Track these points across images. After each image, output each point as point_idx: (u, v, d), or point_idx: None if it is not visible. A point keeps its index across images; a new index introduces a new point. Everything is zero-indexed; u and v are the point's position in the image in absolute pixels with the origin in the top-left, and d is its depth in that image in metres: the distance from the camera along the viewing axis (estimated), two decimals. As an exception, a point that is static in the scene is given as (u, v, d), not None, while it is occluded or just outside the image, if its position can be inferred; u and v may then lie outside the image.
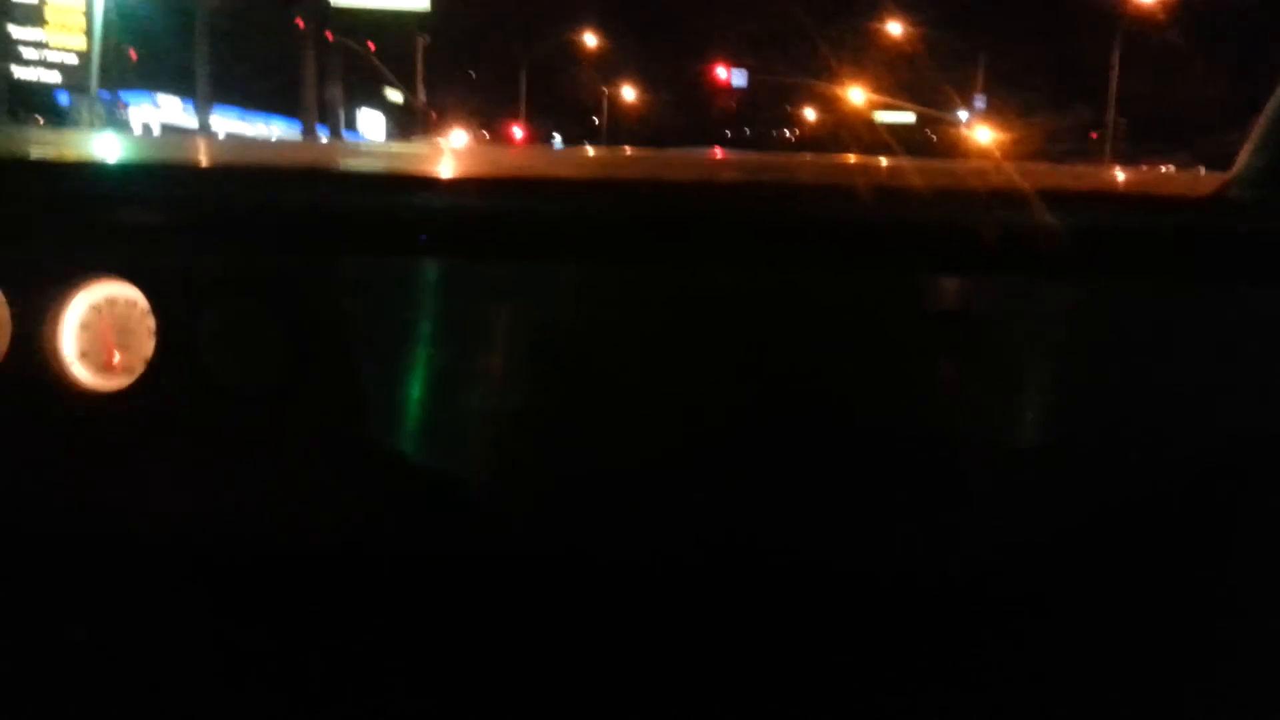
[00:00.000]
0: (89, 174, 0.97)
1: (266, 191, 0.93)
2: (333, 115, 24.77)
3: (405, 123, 29.70)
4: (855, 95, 33.85)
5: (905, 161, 1.29)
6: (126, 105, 25.06)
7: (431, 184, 0.96)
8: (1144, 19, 24.70)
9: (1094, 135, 27.75)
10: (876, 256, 0.88)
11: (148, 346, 0.89)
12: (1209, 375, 0.86)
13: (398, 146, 2.78)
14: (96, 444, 0.90)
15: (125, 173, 0.97)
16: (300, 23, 22.08)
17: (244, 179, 0.97)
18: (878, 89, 35.27)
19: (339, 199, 0.93)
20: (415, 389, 0.90)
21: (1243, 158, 0.88)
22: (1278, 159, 0.85)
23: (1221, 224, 0.86)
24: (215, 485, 0.91)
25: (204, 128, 20.73)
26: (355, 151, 1.71)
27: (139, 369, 0.90)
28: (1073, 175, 1.29)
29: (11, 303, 0.89)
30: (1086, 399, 0.88)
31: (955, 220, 0.88)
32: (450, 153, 1.65)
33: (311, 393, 0.90)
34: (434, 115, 28.89)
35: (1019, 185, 0.93)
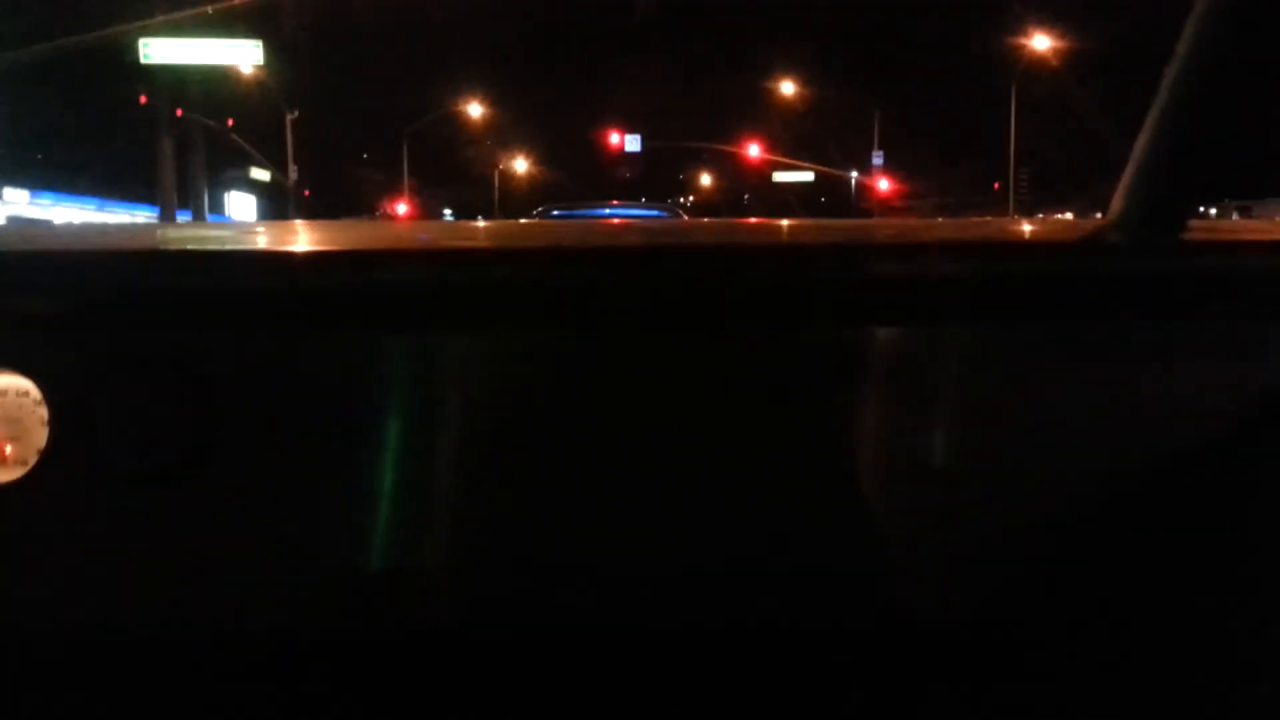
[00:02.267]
0: None
1: (155, 273, 0.95)
2: (195, 198, 23.04)
3: (277, 204, 27.93)
4: (752, 152, 33.20)
5: (799, 221, 1.25)
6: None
7: (326, 258, 0.98)
8: (1039, 66, 24.65)
9: (996, 186, 27.73)
10: (776, 311, 0.94)
11: (40, 436, 0.90)
12: (1098, 406, 0.92)
13: (284, 224, 2.71)
14: None
15: (4, 261, 0.99)
16: (144, 100, 20.39)
17: (132, 262, 0.98)
18: (774, 148, 34.86)
19: (230, 278, 0.95)
20: (326, 465, 0.92)
21: (1115, 202, 0.95)
22: (1144, 202, 0.92)
23: (1097, 265, 0.93)
24: (118, 573, 0.92)
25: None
26: (238, 230, 1.64)
27: (32, 460, 0.91)
28: (960, 227, 1.31)
29: None
30: (979, 432, 0.94)
31: (841, 273, 0.94)
32: (332, 228, 1.49)
33: (216, 473, 0.91)
34: (306, 194, 27.30)
35: (905, 238, 1.04)
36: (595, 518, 0.94)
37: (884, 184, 30.21)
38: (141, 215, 26.51)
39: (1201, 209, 0.97)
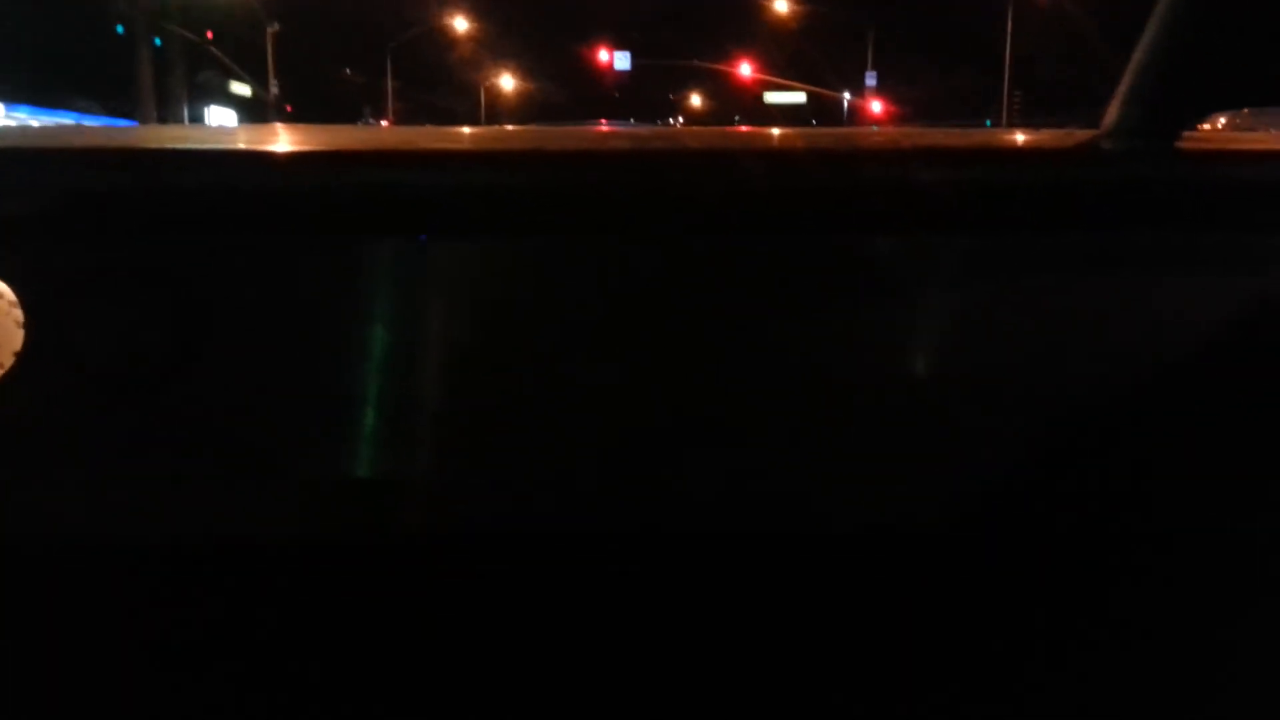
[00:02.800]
0: None
1: (133, 172, 0.92)
2: (174, 111, 22.64)
3: (259, 119, 27.48)
4: (744, 71, 32.70)
5: (792, 131, 1.21)
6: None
7: (312, 158, 0.97)
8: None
9: (996, 101, 27.43)
10: (772, 220, 0.93)
11: (16, 339, 0.89)
12: (1091, 317, 0.93)
13: (266, 126, 2.21)
14: None
15: None
16: (124, 11, 19.92)
17: (109, 160, 0.96)
18: (767, 69, 34.33)
19: (215, 178, 0.92)
20: (314, 372, 0.91)
21: (1110, 113, 0.94)
22: (1139, 112, 0.91)
23: (1090, 173, 0.93)
24: (98, 480, 0.92)
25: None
26: (218, 133, 1.45)
27: (8, 363, 0.89)
28: (950, 136, 1.21)
29: None
30: (973, 344, 0.95)
31: (824, 180, 0.93)
32: (323, 131, 1.39)
33: (200, 379, 0.90)
34: (288, 109, 26.84)
35: (894, 145, 1.03)
36: (584, 427, 0.94)
37: (877, 106, 29.86)
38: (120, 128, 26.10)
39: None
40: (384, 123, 28.95)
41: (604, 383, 0.93)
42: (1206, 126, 1.05)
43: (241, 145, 1.02)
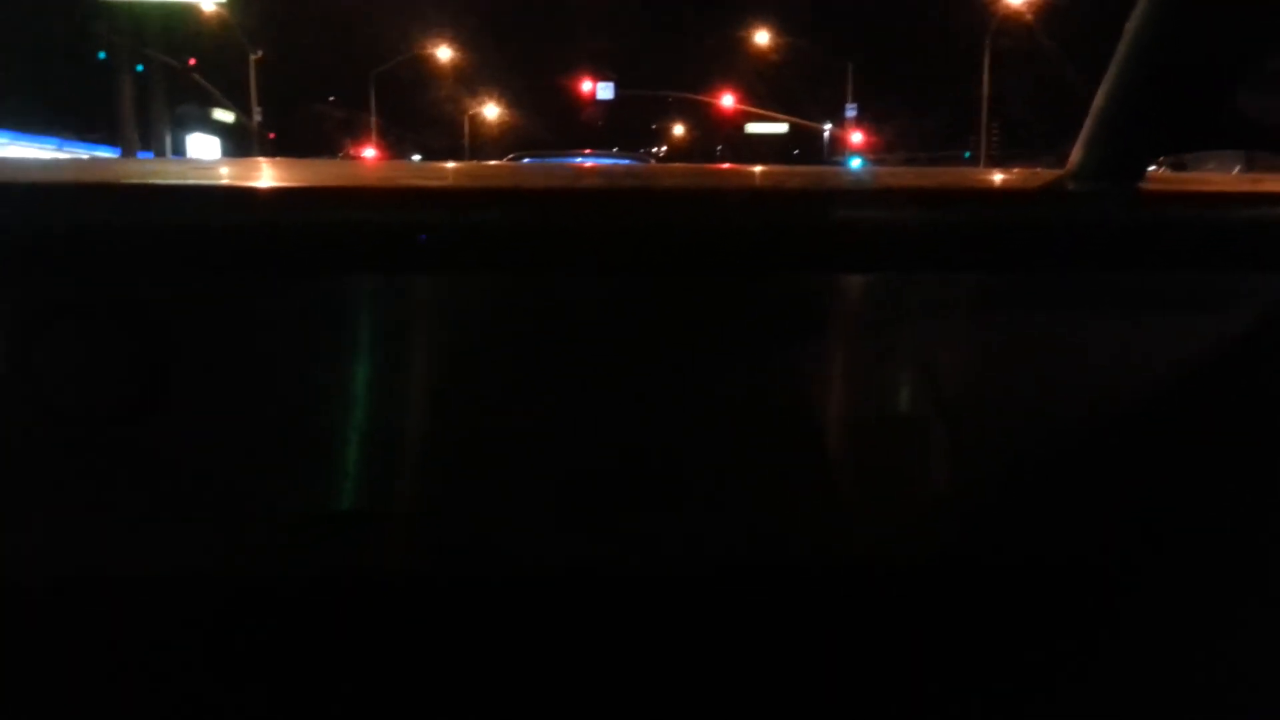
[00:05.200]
0: None
1: (104, 208, 0.90)
2: (157, 139, 22.52)
3: (241, 146, 27.38)
4: (726, 102, 32.92)
5: (770, 169, 1.24)
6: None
7: (283, 195, 0.96)
8: (1012, 20, 24.53)
9: (970, 138, 27.65)
10: (740, 258, 0.93)
11: None
12: (1055, 354, 0.95)
13: (243, 160, 1.93)
14: None
15: None
16: (105, 38, 19.86)
17: (80, 195, 0.94)
18: (749, 99, 34.58)
19: (185, 214, 0.92)
20: (283, 404, 0.91)
21: (1074, 154, 0.96)
22: (1103, 153, 0.93)
23: (1057, 214, 0.94)
24: (67, 516, 0.92)
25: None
26: (193, 166, 1.35)
27: None
28: (920, 175, 1.25)
29: None
30: (940, 379, 0.97)
31: (798, 220, 0.93)
32: (293, 166, 1.33)
33: (167, 416, 0.90)
34: (271, 136, 26.79)
35: (864, 185, 1.05)
36: (560, 465, 0.94)
37: (857, 136, 30.10)
38: (102, 156, 25.93)
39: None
40: (368, 152, 28.95)
41: (583, 413, 0.91)
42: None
43: (221, 181, 1.02)
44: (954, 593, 0.97)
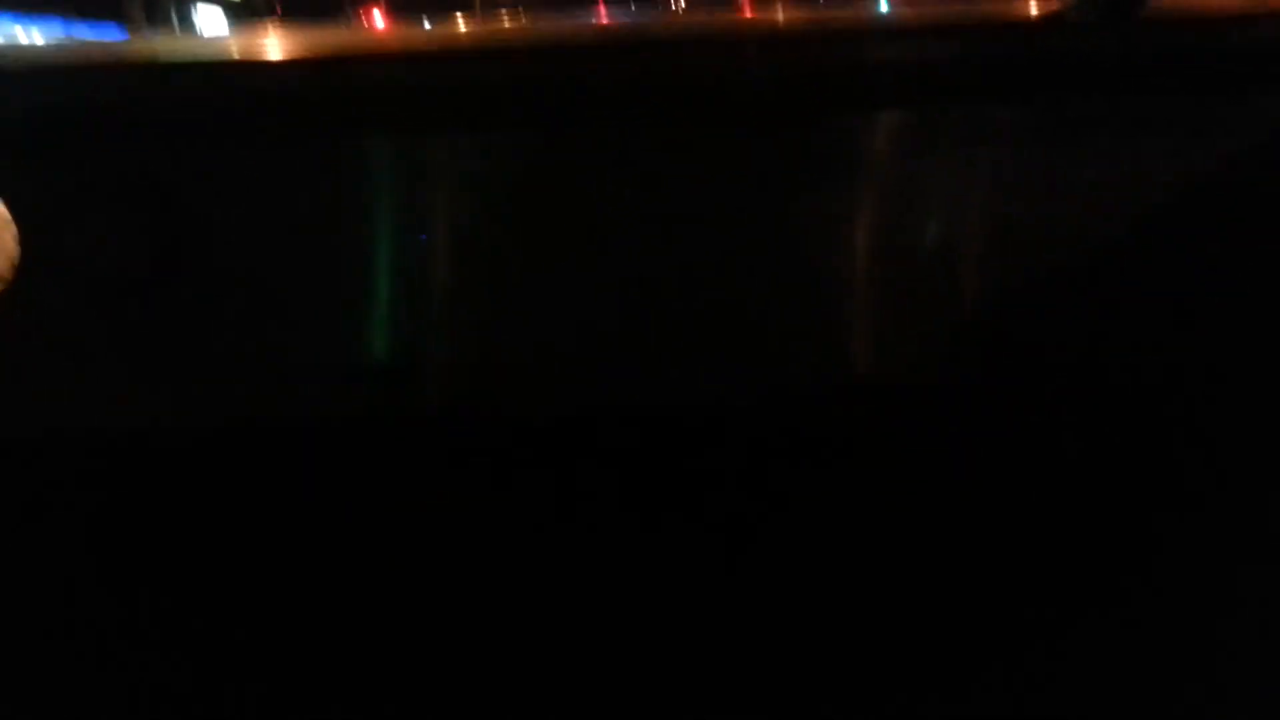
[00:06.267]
0: None
1: (121, 85, 0.93)
2: (163, 12, 21.89)
3: (248, 18, 26.60)
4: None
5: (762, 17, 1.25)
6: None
7: (301, 65, 0.99)
8: None
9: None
10: (753, 105, 0.93)
11: (14, 252, 0.90)
12: (1058, 181, 0.96)
13: (247, 34, 2.72)
14: None
15: None
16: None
17: (97, 73, 0.96)
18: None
19: (198, 86, 0.93)
20: (299, 272, 0.96)
21: None
22: None
23: (1056, 43, 0.92)
24: (97, 379, 0.96)
25: None
26: (203, 41, 1.75)
27: (8, 275, 0.91)
28: (919, 12, 1.29)
29: None
30: (947, 211, 0.98)
31: (793, 61, 0.94)
32: (306, 33, 1.63)
33: (192, 279, 0.95)
34: (278, 7, 25.90)
35: (863, 23, 1.12)
36: (574, 312, 0.98)
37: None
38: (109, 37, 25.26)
39: None
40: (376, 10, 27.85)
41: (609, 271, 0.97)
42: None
43: (233, 54, 1.02)
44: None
